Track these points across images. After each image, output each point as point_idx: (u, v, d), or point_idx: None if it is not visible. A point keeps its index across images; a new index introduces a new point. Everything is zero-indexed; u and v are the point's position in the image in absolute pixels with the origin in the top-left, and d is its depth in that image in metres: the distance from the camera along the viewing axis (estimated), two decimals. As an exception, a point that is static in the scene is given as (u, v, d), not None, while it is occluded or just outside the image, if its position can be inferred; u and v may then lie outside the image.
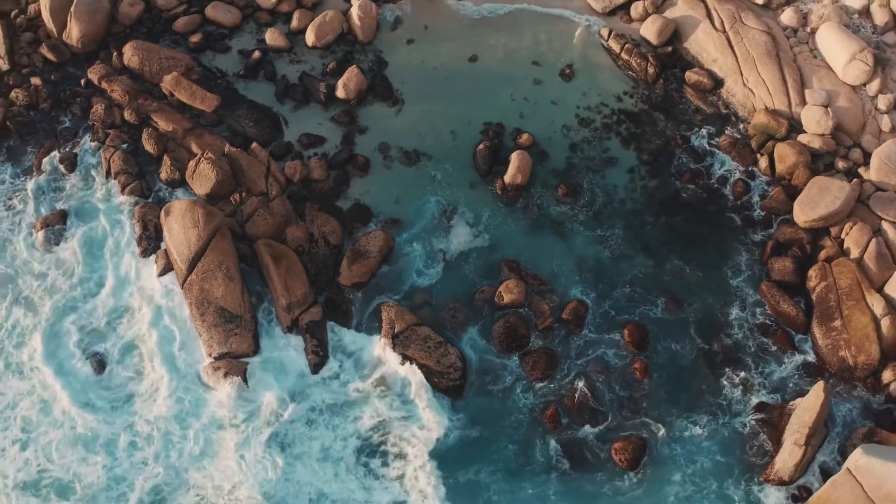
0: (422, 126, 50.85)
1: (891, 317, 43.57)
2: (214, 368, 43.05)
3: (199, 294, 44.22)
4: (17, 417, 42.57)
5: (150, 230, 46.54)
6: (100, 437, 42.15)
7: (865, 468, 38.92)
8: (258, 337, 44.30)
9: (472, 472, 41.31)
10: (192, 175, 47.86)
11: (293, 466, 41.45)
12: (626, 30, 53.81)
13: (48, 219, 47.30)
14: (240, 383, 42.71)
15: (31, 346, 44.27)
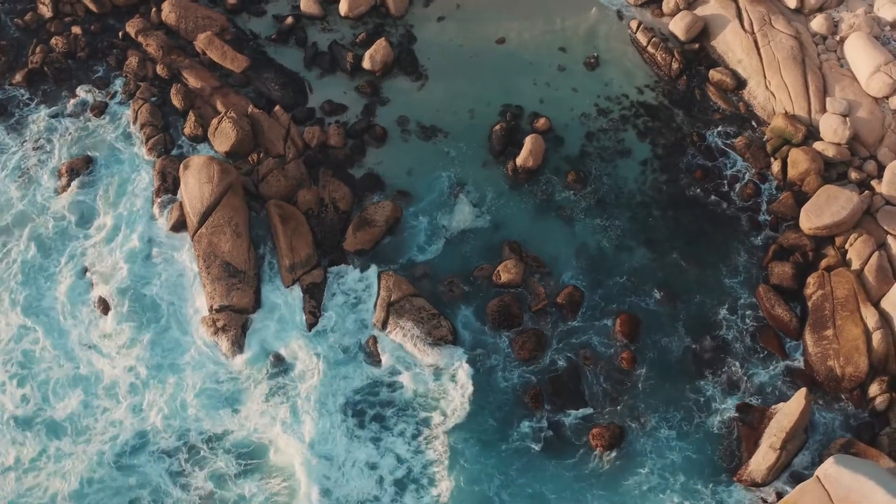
0: (442, 103, 51.12)
1: (883, 331, 42.96)
2: (214, 320, 44.01)
3: (207, 247, 45.20)
4: (18, 352, 43.87)
5: (169, 182, 47.66)
6: (101, 379, 43.25)
7: (834, 478, 38.61)
8: (259, 293, 45.23)
9: (451, 440, 41.65)
10: (213, 132, 48.85)
11: (287, 416, 42.08)
12: (655, 23, 53.35)
13: (73, 163, 48.70)
14: (237, 336, 44.06)
15: (40, 285, 45.60)
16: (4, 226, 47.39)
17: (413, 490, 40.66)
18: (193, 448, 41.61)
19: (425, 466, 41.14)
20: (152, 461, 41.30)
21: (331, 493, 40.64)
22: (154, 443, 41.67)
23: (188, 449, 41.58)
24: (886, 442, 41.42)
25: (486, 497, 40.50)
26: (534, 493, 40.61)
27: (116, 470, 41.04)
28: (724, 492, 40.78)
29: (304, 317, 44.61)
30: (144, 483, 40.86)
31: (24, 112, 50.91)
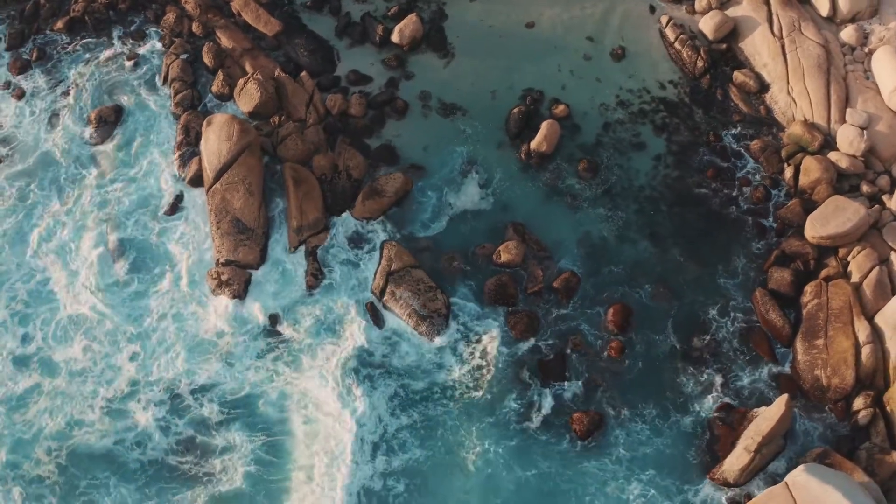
0: (465, 82, 51.15)
1: (873, 346, 42.25)
2: (219, 273, 44.96)
3: (220, 203, 46.06)
4: (24, 292, 45.24)
5: (191, 137, 48.59)
6: (104, 324, 44.43)
7: (803, 485, 38.34)
8: (266, 251, 46.01)
9: (431, 407, 42.28)
10: (239, 92, 49.53)
11: (279, 373, 43.20)
12: (686, 20, 52.63)
13: (103, 111, 49.86)
14: (239, 290, 44.79)
15: (54, 228, 46.87)
16: (28, 167, 48.66)
17: (384, 452, 41.23)
18: (182, 397, 42.71)
19: (398, 430, 41.70)
20: (141, 408, 42.30)
21: (311, 445, 41.44)
22: (145, 390, 42.70)
23: (177, 398, 42.61)
24: (864, 456, 40.87)
25: (457, 463, 40.97)
26: (505, 463, 40.94)
27: (105, 414, 42.23)
28: (692, 489, 40.64)
29: (305, 278, 45.48)
30: (130, 428, 41.92)
31: (61, 57, 52.13)
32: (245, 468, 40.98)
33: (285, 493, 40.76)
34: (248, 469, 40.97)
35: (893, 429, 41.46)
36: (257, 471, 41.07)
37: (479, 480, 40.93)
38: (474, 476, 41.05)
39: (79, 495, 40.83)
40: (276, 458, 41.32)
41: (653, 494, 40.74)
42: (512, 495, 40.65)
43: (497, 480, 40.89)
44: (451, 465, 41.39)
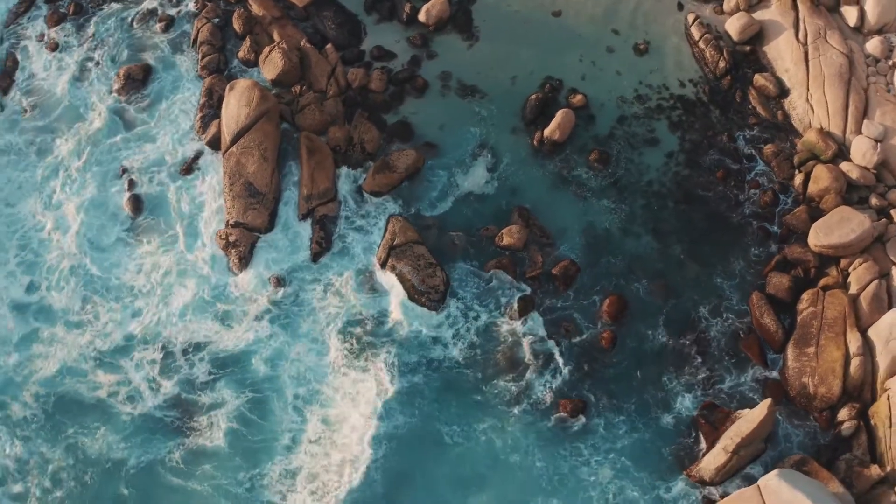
0: (487, 65, 50.96)
1: (862, 359, 41.66)
2: (227, 234, 45.66)
3: (235, 166, 46.62)
4: (36, 240, 46.44)
5: (214, 100, 49.22)
6: (110, 277, 45.56)
7: (774, 490, 38.10)
8: (274, 217, 46.60)
9: (419, 379, 42.82)
10: (264, 59, 49.96)
11: (276, 336, 43.94)
12: (713, 20, 51.80)
13: (131, 69, 50.68)
14: (245, 252, 45.49)
15: (73, 181, 47.96)
16: (52, 120, 49.80)
17: (373, 418, 41.93)
18: (176, 355, 43.69)
19: (385, 398, 42.46)
20: (133, 365, 43.37)
21: (302, 411, 42.24)
22: (140, 346, 43.73)
23: (172, 355, 43.59)
24: (843, 467, 40.46)
25: (437, 434, 41.56)
26: (483, 438, 41.49)
27: (98, 367, 43.33)
28: (665, 484, 40.73)
29: (310, 245, 45.91)
30: (122, 382, 42.98)
31: (96, 13, 53.03)
32: (228, 425, 41.78)
33: (264, 453, 41.46)
34: (231, 426, 41.71)
35: (875, 442, 40.92)
36: (240, 429, 41.76)
37: (455, 452, 41.58)
38: (451, 447, 41.73)
39: (64, 439, 41.95)
40: (261, 420, 42.00)
41: (626, 484, 40.90)
42: (485, 468, 41.27)
43: (473, 453, 41.54)
44: (431, 435, 41.90)
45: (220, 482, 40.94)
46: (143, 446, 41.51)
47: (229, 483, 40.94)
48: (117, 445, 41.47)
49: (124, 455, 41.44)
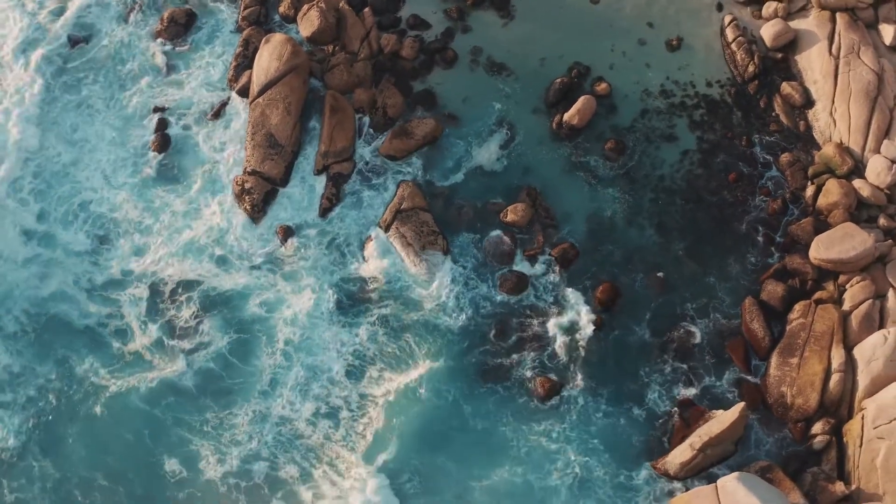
0: (518, 44, 50.60)
1: (843, 375, 40.89)
2: (243, 181, 46.43)
3: (259, 116, 47.30)
4: (54, 169, 47.50)
5: (249, 51, 49.76)
6: (121, 211, 46.51)
7: (731, 492, 37.84)
8: (291, 170, 47.21)
9: (406, 340, 43.38)
10: (301, 16, 50.35)
11: (275, 284, 44.70)
12: (750, 23, 50.53)
13: (175, 13, 51.35)
14: (257, 201, 46.17)
15: (103, 116, 48.93)
16: (93, 57, 50.70)
17: (352, 370, 43.00)
18: (171, 292, 44.60)
19: (371, 353, 43.08)
20: (127, 299, 44.45)
21: (291, 356, 43.11)
22: (136, 282, 44.84)
23: (166, 293, 44.62)
24: (809, 480, 39.95)
25: (414, 392, 42.14)
26: (460, 403, 42.06)
27: (90, 298, 44.48)
28: (630, 472, 40.74)
29: (321, 201, 46.47)
30: (113, 316, 44.16)
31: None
32: (206, 364, 42.95)
33: (238, 394, 42.56)
34: (211, 365, 42.91)
35: (844, 460, 40.36)
36: (216, 369, 43.03)
37: (426, 409, 42.16)
38: (424, 403, 42.26)
39: (51, 356, 43.39)
40: (241, 362, 43.05)
41: (592, 464, 41.05)
42: (454, 430, 41.86)
43: (444, 414, 42.21)
44: (408, 393, 42.42)
45: (185, 417, 41.91)
46: (124, 375, 42.72)
47: (196, 420, 41.89)
48: (100, 371, 42.80)
49: (105, 381, 42.66)
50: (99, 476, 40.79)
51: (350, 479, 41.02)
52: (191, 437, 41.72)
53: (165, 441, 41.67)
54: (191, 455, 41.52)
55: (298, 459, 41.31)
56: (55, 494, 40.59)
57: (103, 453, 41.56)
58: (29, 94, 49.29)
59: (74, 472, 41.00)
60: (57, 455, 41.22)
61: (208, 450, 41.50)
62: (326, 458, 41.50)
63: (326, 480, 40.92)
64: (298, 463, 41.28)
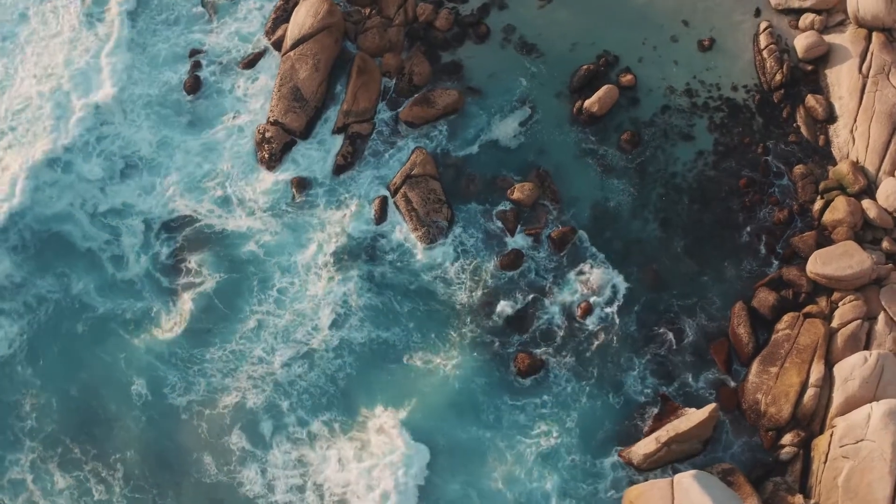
0: (552, 27, 50.12)
1: (818, 391, 40.20)
2: (264, 129, 47.12)
3: (289, 69, 47.86)
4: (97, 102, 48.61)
5: (289, 5, 50.30)
6: (138, 144, 47.44)
7: (685, 488, 37.69)
8: (312, 125, 47.68)
9: (397, 302, 43.81)
10: (344, -25, 51.10)
11: (279, 232, 45.45)
12: (785, 32, 49.41)
13: (219, -38, 52.63)
14: (275, 150, 46.72)
15: (144, 50, 50.09)
16: (137, 0, 52.51)
17: (339, 324, 43.32)
18: (170, 229, 45.54)
19: (360, 310, 43.53)
20: (127, 228, 45.47)
21: (284, 302, 43.85)
22: (140, 215, 45.77)
23: (166, 228, 45.59)
24: (770, 489, 39.58)
25: (398, 354, 42.74)
26: (439, 368, 42.56)
27: (90, 221, 45.59)
28: (594, 456, 40.80)
29: (336, 158, 46.96)
30: (110, 242, 45.18)
31: None
32: (195, 300, 43.93)
33: (220, 333, 43.43)
34: (198, 302, 43.91)
35: (808, 474, 39.81)
36: (205, 307, 43.96)
37: (404, 368, 42.66)
38: (409, 368, 42.68)
39: (51, 271, 44.71)
40: (230, 302, 43.92)
41: (559, 441, 41.13)
42: (429, 389, 42.26)
43: (421, 375, 42.59)
44: (392, 354, 42.94)
45: (162, 349, 43.07)
46: (113, 300, 43.89)
47: (172, 352, 42.97)
48: (92, 293, 43.98)
49: (94, 302, 43.90)
50: (74, 389, 42.25)
51: (318, 423, 41.71)
52: (161, 365, 42.79)
53: (137, 367, 42.87)
54: (159, 382, 42.60)
55: (267, 395, 42.16)
56: (34, 400, 42.05)
57: (80, 369, 42.98)
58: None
59: (53, 383, 42.50)
60: (40, 364, 42.74)
61: (177, 378, 42.54)
62: (295, 396, 42.22)
63: (293, 415, 41.79)
64: (267, 399, 42.12)
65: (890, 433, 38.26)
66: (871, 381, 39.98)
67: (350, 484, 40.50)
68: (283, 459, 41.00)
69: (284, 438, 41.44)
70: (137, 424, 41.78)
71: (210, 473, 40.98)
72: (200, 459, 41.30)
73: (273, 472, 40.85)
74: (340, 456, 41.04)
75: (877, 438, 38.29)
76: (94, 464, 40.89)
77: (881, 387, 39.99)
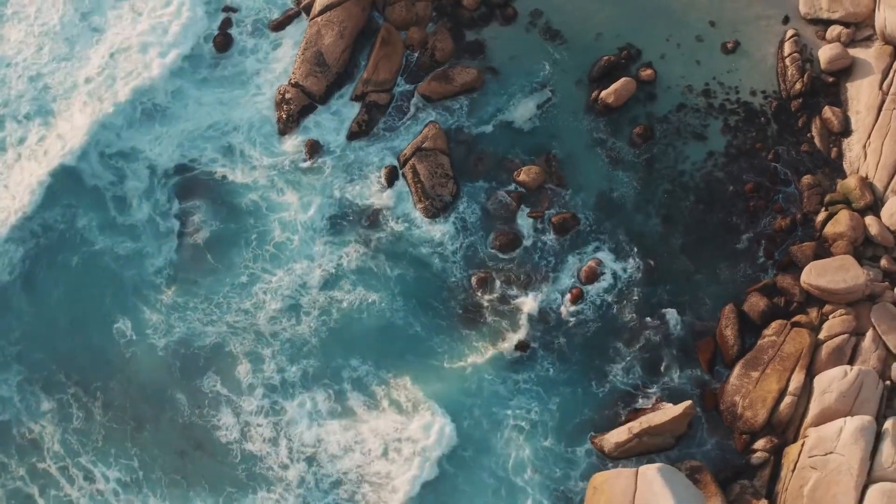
0: (579, 16, 49.47)
1: (795, 399, 39.77)
2: (284, 91, 47.42)
3: (314, 34, 48.05)
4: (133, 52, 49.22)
5: (323, -22, 51.05)
6: (158, 92, 47.92)
7: (649, 480, 37.65)
8: (331, 91, 47.81)
9: (391, 268, 44.09)
10: (378, -54, 51.07)
11: (277, 186, 45.94)
12: (810, 42, 48.26)
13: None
14: (293, 111, 46.98)
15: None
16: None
17: (330, 285, 43.86)
18: (170, 174, 46.18)
19: (352, 273, 44.04)
20: (133, 172, 46.10)
21: (280, 260, 44.45)
22: (145, 160, 46.39)
23: (167, 174, 46.18)
24: (736, 490, 39.43)
25: (385, 314, 43.18)
26: (427, 335, 42.90)
27: (100, 160, 46.29)
28: (568, 439, 40.90)
29: (350, 125, 47.14)
30: (115, 184, 45.92)
31: None
32: (189, 247, 44.80)
33: (209, 282, 44.19)
34: (191, 250, 44.76)
35: (775, 480, 39.50)
36: (196, 255, 44.76)
37: (392, 329, 43.08)
38: (393, 331, 43.05)
39: (59, 203, 45.46)
40: (224, 253, 44.63)
41: (535, 420, 41.32)
42: (412, 359, 42.50)
43: (406, 342, 42.89)
44: (379, 317, 43.28)
45: (150, 292, 43.79)
46: (111, 238, 44.69)
47: (160, 295, 43.75)
48: (94, 229, 44.81)
49: (93, 238, 44.68)
50: (63, 320, 43.24)
51: (296, 371, 42.42)
52: (146, 308, 43.53)
53: (123, 305, 43.62)
54: (142, 323, 43.35)
55: (246, 343, 42.79)
56: (25, 326, 43.16)
57: (70, 300, 43.90)
58: None
59: (44, 312, 43.47)
60: (35, 292, 43.72)
61: (160, 320, 43.26)
62: (277, 346, 42.79)
63: (273, 364, 42.47)
64: (244, 346, 42.79)
65: (859, 448, 37.92)
66: (849, 396, 39.48)
67: (322, 439, 41.10)
68: (258, 406, 41.69)
69: (260, 386, 42.12)
70: (119, 359, 42.78)
71: (185, 414, 41.85)
72: (179, 399, 42.10)
73: (247, 419, 41.50)
74: (315, 408, 41.72)
75: (846, 452, 37.89)
76: (76, 390, 41.98)
77: (858, 402, 39.49)
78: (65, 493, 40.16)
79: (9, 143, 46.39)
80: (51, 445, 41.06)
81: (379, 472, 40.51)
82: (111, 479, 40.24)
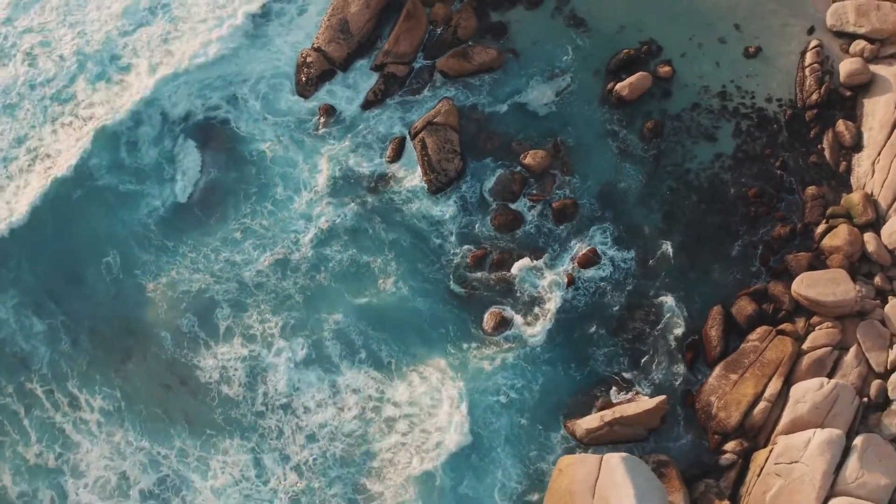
0: (604, 7, 49.09)
1: (770, 406, 39.30)
2: (306, 55, 47.90)
3: (341, 3, 48.73)
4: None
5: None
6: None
7: (612, 467, 37.58)
8: (352, 59, 48.08)
9: (388, 234, 44.42)
10: (420, -75, 50.81)
11: (284, 143, 46.55)
12: (833, 54, 47.16)
13: None
14: (313, 75, 47.30)
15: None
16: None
17: (323, 242, 44.33)
18: (177, 123, 47.18)
19: (346, 233, 44.50)
20: (151, 119, 47.18)
21: (275, 214, 44.95)
22: (160, 107, 47.46)
23: (173, 123, 47.17)
24: (701, 489, 39.08)
25: (374, 278, 43.70)
26: (417, 305, 43.12)
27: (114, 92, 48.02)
28: (543, 422, 40.89)
29: (367, 94, 47.31)
30: (131, 129, 46.97)
31: None
32: (187, 195, 45.60)
33: (202, 230, 44.83)
34: (189, 198, 45.53)
35: (740, 483, 39.06)
36: (193, 202, 45.61)
37: (379, 295, 43.36)
38: (380, 293, 43.41)
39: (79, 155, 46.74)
40: (221, 203, 45.31)
41: (513, 398, 41.32)
42: (396, 319, 42.94)
43: (391, 303, 43.21)
44: (368, 278, 43.77)
45: (145, 233, 44.77)
46: (119, 178, 45.84)
47: (151, 239, 44.70)
48: (103, 172, 45.99)
49: (101, 180, 45.80)
50: (58, 248, 44.66)
51: (277, 321, 42.98)
52: (139, 252, 44.51)
53: (116, 244, 44.69)
54: (132, 263, 44.39)
55: (232, 291, 43.53)
56: (21, 252, 44.56)
57: (67, 232, 45.14)
58: None
59: (41, 240, 44.87)
60: (35, 219, 45.01)
61: (149, 260, 44.32)
62: (263, 297, 43.48)
63: (255, 318, 43.03)
64: (232, 295, 43.51)
65: (824, 461, 37.36)
66: (822, 408, 38.85)
67: (299, 388, 41.70)
68: (238, 352, 42.42)
69: (242, 333, 42.87)
70: (107, 292, 44.05)
71: (168, 351, 42.75)
72: (164, 337, 42.96)
73: (225, 363, 42.24)
74: (293, 359, 42.28)
75: (810, 463, 37.38)
76: (65, 318, 43.24)
77: (831, 415, 38.83)
78: (48, 416, 41.31)
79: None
80: (39, 367, 42.39)
81: (354, 430, 40.98)
82: (95, 407, 41.24)
